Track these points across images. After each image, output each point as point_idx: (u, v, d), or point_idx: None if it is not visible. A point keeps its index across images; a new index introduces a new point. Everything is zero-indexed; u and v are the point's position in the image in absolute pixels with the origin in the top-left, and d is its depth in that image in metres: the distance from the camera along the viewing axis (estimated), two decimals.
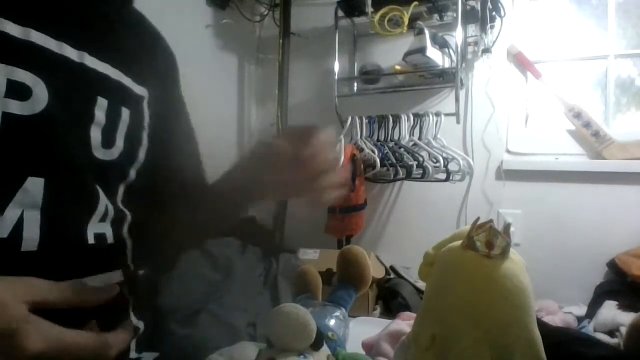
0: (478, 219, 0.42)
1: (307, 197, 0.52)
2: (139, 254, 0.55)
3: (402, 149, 1.76)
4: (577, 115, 1.76)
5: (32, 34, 0.44)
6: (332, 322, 0.56)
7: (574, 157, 1.78)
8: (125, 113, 0.53)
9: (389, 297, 1.68)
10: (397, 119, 1.82)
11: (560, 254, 1.69)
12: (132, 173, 0.55)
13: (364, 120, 1.85)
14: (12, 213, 0.41)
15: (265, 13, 2.11)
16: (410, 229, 1.97)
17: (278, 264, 1.72)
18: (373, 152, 1.76)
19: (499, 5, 1.81)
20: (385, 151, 1.77)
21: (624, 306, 1.33)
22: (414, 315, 0.69)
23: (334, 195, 0.51)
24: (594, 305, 1.44)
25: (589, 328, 1.31)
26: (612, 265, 1.60)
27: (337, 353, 0.49)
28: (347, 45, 2.06)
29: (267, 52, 2.18)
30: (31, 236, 0.42)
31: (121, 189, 0.54)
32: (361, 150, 1.80)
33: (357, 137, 1.85)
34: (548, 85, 1.83)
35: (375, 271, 1.73)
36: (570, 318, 1.44)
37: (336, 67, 1.96)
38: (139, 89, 0.56)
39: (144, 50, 0.60)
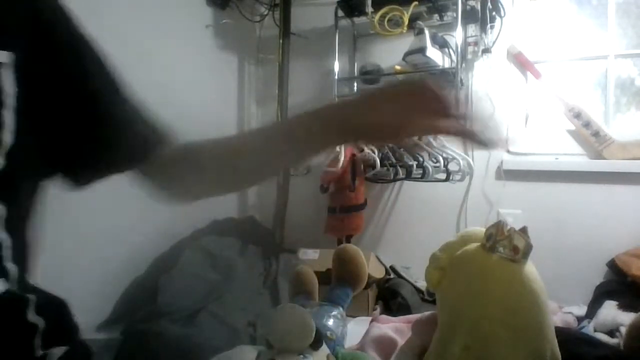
0: (504, 223, 0.41)
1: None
2: (19, 252, 0.49)
3: (402, 149, 1.76)
4: (577, 115, 1.76)
5: None
6: (330, 321, 0.56)
7: (574, 157, 1.77)
8: None
9: (389, 297, 1.68)
10: None
11: (560, 254, 1.69)
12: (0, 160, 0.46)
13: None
14: None
15: (265, 13, 2.11)
16: (410, 229, 1.97)
17: (278, 264, 1.72)
18: (373, 152, 1.76)
19: (499, 5, 1.81)
20: (385, 151, 1.77)
21: (624, 306, 1.32)
22: (392, 318, 0.69)
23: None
24: (594, 305, 1.44)
25: (589, 328, 1.31)
26: (612, 265, 1.59)
27: (336, 352, 0.49)
28: (347, 45, 2.06)
29: (267, 52, 2.18)
30: None
31: None
32: (361, 150, 1.80)
33: None
34: (548, 85, 1.83)
35: (375, 271, 1.73)
36: (570, 318, 1.44)
37: (336, 67, 1.96)
38: None
39: None
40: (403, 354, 0.49)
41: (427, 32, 1.70)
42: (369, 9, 1.77)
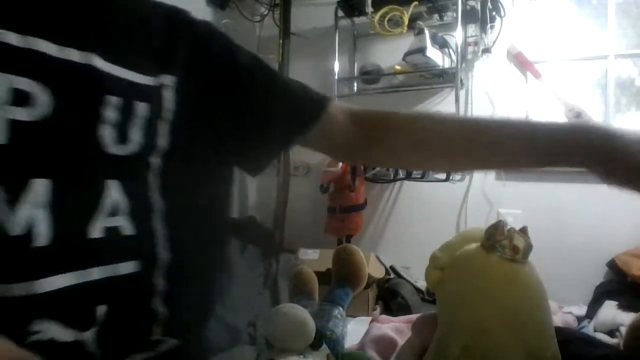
0: (504, 222, 0.41)
1: None
2: (175, 241, 0.54)
3: None
4: (577, 115, 1.76)
5: (32, 41, 0.46)
6: (330, 321, 0.56)
7: None
8: (140, 107, 0.54)
9: (389, 297, 1.68)
10: None
11: (560, 254, 1.69)
12: (158, 162, 0.55)
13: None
14: (23, 213, 0.44)
15: (265, 13, 2.11)
16: (410, 229, 1.97)
17: (278, 264, 1.72)
18: None
19: (499, 5, 1.81)
20: None
21: (624, 306, 1.32)
22: (392, 318, 0.69)
23: None
24: (594, 305, 1.44)
25: (589, 328, 1.31)
26: (612, 265, 1.59)
27: (336, 352, 0.49)
28: (347, 45, 2.06)
29: (267, 52, 2.18)
30: (41, 233, 0.45)
31: (153, 180, 0.54)
32: None
33: None
34: (548, 85, 1.83)
35: (375, 271, 1.73)
36: (570, 318, 1.44)
37: (336, 67, 1.96)
38: (154, 80, 0.56)
39: (159, 38, 0.59)
40: (403, 354, 0.49)
41: (427, 32, 1.70)
42: (369, 9, 1.77)
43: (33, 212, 0.44)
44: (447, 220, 1.91)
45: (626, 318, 1.25)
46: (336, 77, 1.95)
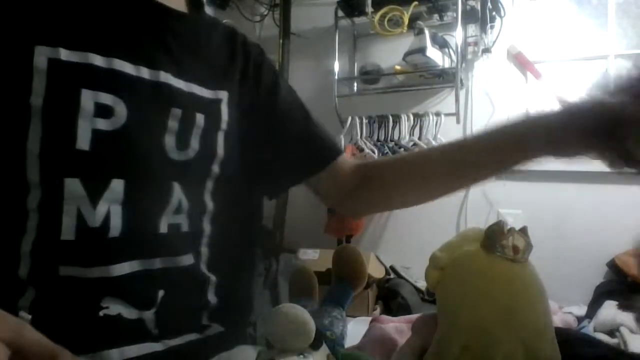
0: (504, 222, 0.41)
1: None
2: (216, 241, 0.62)
3: (402, 149, 1.76)
4: None
5: (114, 62, 0.54)
6: (330, 321, 0.56)
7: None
8: (199, 117, 0.61)
9: (389, 297, 1.68)
10: (397, 119, 1.82)
11: (560, 254, 1.69)
12: (215, 168, 0.62)
13: (364, 121, 1.86)
14: (102, 208, 0.52)
15: (265, 13, 2.11)
16: (410, 229, 1.97)
17: (278, 264, 1.72)
18: (373, 152, 1.76)
19: (499, 5, 1.81)
20: (385, 151, 1.77)
21: (624, 306, 1.33)
22: (392, 318, 0.69)
23: None
24: (594, 305, 1.44)
25: (589, 328, 1.31)
26: (612, 265, 1.60)
27: (336, 352, 0.49)
28: (347, 45, 2.06)
29: (267, 52, 2.17)
30: (115, 225, 0.52)
31: (209, 184, 0.62)
32: (361, 150, 1.80)
33: (357, 137, 1.85)
34: (548, 85, 1.83)
35: (375, 271, 1.73)
36: (570, 318, 1.44)
37: (336, 67, 1.96)
38: (213, 94, 0.63)
39: (217, 55, 0.67)
40: (403, 354, 0.49)
41: (427, 32, 1.70)
42: (369, 9, 1.77)
43: (110, 207, 0.52)
44: (447, 221, 1.91)
45: (626, 318, 1.25)
46: (336, 77, 1.95)
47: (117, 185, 0.53)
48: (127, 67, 0.55)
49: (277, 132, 0.70)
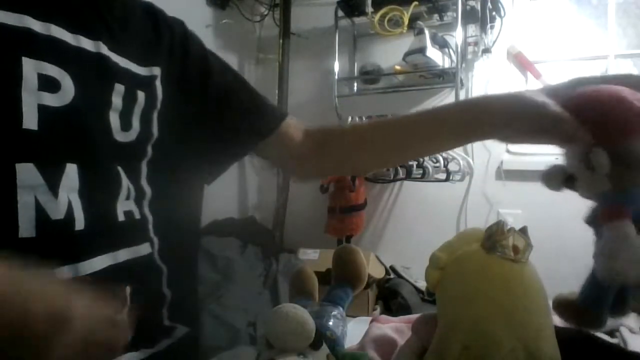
0: (504, 222, 0.41)
1: None
2: (159, 228, 0.57)
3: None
4: None
5: (52, 28, 0.46)
6: (330, 321, 0.56)
7: None
8: (140, 96, 0.56)
9: (389, 297, 1.68)
10: None
11: (560, 254, 1.69)
12: (149, 150, 0.57)
13: (364, 120, 1.85)
14: (63, 196, 0.46)
15: (265, 13, 2.11)
16: (410, 229, 1.97)
17: (278, 264, 1.72)
18: None
19: (499, 5, 1.81)
20: None
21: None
22: (392, 318, 0.69)
23: None
24: None
25: None
26: None
27: (336, 352, 0.49)
28: (347, 45, 2.06)
29: (267, 52, 2.18)
30: (79, 217, 0.47)
31: (144, 168, 0.57)
32: None
33: None
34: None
35: (375, 271, 1.73)
36: None
37: (336, 67, 1.96)
38: (147, 71, 0.58)
39: (144, 29, 0.61)
40: (403, 354, 0.49)
41: (427, 32, 1.70)
42: (369, 9, 1.77)
43: (70, 196, 0.46)
44: (447, 220, 1.91)
45: (626, 318, 1.25)
46: (336, 77, 1.95)
47: (71, 171, 0.47)
48: (66, 36, 0.48)
49: (214, 105, 0.66)
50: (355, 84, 2.07)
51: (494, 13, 1.80)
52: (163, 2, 0.69)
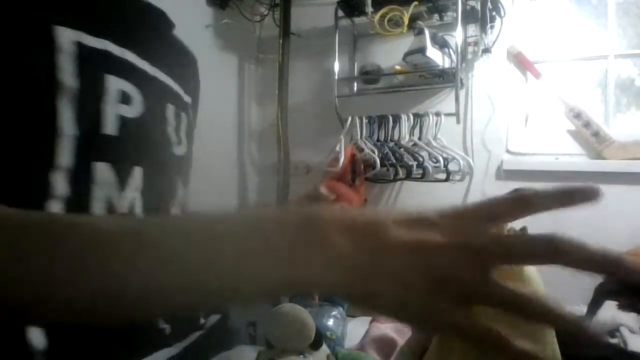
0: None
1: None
2: None
3: (402, 149, 1.76)
4: (577, 115, 1.76)
5: (127, 53, 0.56)
6: (330, 321, 0.56)
7: (574, 157, 1.77)
8: (184, 116, 0.66)
9: None
10: (397, 119, 1.82)
11: None
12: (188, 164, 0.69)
13: (364, 121, 1.85)
14: (128, 194, 0.53)
15: (265, 13, 2.11)
16: None
17: None
18: (373, 152, 1.76)
19: (499, 5, 1.81)
20: (386, 151, 1.77)
21: (624, 306, 1.32)
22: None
23: None
24: (594, 305, 1.44)
25: None
26: None
27: (336, 352, 0.49)
28: (347, 45, 2.06)
29: (267, 52, 2.18)
30: (138, 215, 0.54)
31: (184, 179, 0.67)
32: (361, 150, 1.80)
33: (357, 137, 1.85)
34: (548, 85, 1.83)
35: None
36: None
37: (336, 67, 1.96)
38: (187, 97, 0.70)
39: (186, 68, 0.76)
40: (403, 353, 0.49)
41: (427, 32, 1.70)
42: (369, 9, 1.77)
43: (134, 195, 0.54)
44: None
45: (626, 318, 1.25)
46: (336, 77, 1.95)
47: (137, 173, 0.55)
48: (136, 60, 0.58)
49: None
50: (355, 84, 2.07)
51: (494, 13, 1.80)
52: (163, 2, 0.70)
